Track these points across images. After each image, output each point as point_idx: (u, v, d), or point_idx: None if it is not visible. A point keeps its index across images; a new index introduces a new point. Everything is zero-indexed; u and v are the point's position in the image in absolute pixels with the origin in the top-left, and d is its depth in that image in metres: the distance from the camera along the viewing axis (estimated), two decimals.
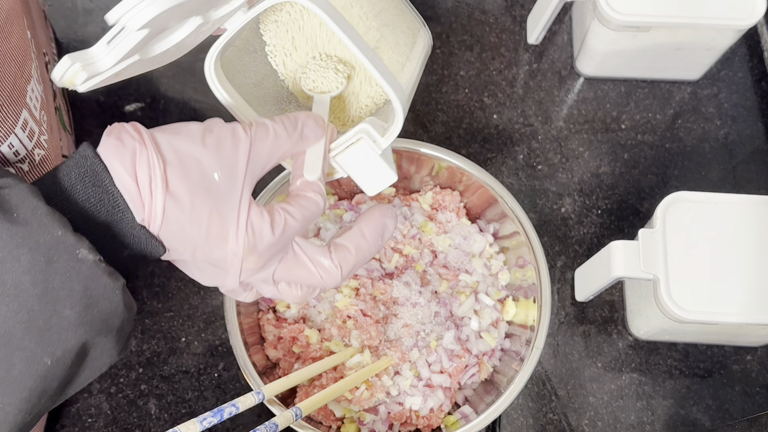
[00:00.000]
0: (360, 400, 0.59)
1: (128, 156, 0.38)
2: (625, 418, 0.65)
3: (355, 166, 0.48)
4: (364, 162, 0.47)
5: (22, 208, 0.35)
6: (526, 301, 0.62)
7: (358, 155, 0.47)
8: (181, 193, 0.38)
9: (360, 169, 0.48)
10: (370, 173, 0.48)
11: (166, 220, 0.38)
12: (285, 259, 0.43)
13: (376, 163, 0.47)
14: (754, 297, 0.55)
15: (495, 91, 0.75)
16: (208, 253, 0.40)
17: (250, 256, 0.41)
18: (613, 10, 0.63)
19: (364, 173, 0.48)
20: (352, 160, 0.47)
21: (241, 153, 0.40)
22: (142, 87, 0.74)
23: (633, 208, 0.71)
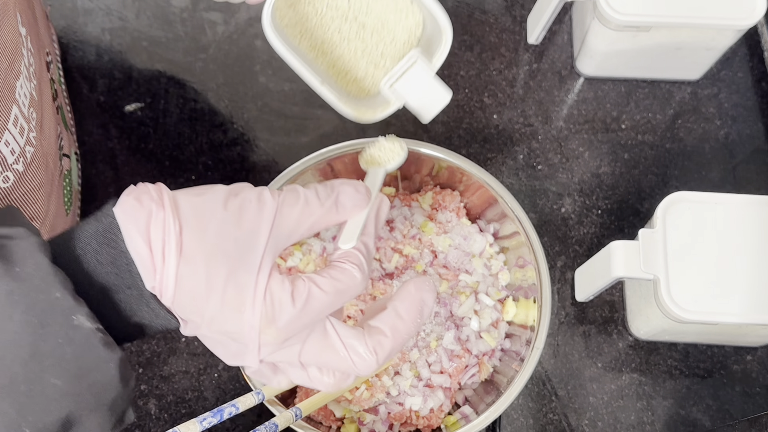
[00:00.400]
0: (360, 400, 0.59)
1: (143, 217, 0.35)
2: (625, 418, 0.65)
3: (410, 92, 0.49)
4: (419, 86, 0.49)
5: (26, 263, 0.33)
6: (526, 301, 0.62)
7: (413, 80, 0.49)
8: (196, 257, 0.35)
9: (415, 95, 0.49)
10: (426, 97, 0.49)
11: (180, 287, 0.35)
12: (313, 339, 0.38)
13: (431, 85, 0.49)
14: (754, 297, 0.55)
15: (495, 91, 0.75)
16: (223, 325, 0.36)
17: (268, 329, 0.36)
18: (613, 10, 0.63)
19: (419, 98, 0.49)
20: (407, 87, 0.49)
21: (265, 218, 0.37)
22: (142, 87, 0.74)
23: (633, 208, 0.71)
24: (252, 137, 0.73)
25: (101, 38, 0.75)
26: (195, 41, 0.76)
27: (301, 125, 0.73)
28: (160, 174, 0.71)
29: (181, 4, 0.77)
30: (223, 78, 0.75)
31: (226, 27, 0.76)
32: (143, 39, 0.76)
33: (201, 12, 0.77)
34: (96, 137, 0.72)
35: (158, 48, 0.75)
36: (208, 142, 0.72)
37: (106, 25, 0.76)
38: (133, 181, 0.72)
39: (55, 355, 0.32)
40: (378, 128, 0.73)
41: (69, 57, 0.74)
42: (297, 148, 0.72)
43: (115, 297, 0.36)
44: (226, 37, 0.76)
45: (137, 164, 0.71)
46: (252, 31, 0.76)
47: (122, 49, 0.75)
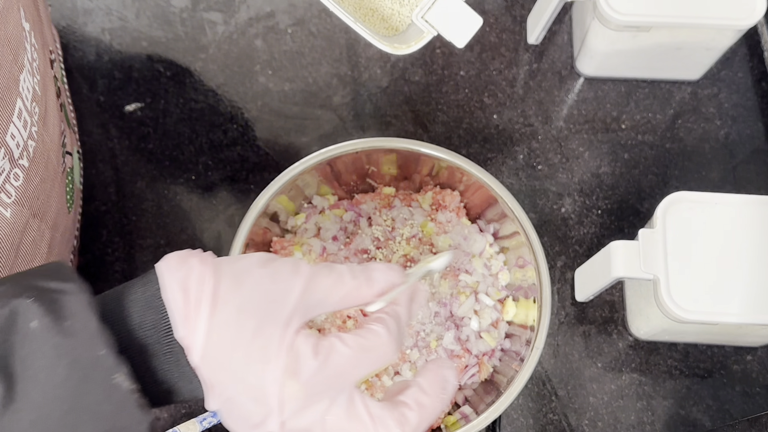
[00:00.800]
0: None
1: (184, 270, 0.36)
2: (626, 418, 0.65)
3: (442, 19, 0.53)
4: (450, 12, 0.52)
5: (76, 319, 0.34)
6: (526, 301, 0.62)
7: (444, 7, 0.52)
8: (228, 307, 0.36)
9: (447, 21, 0.53)
10: (457, 22, 0.53)
11: (210, 336, 0.35)
12: (338, 405, 0.37)
13: (462, 9, 0.52)
14: (754, 297, 0.55)
15: (495, 91, 0.75)
16: (247, 378, 0.36)
17: (290, 383, 0.35)
18: (613, 10, 0.63)
19: (451, 24, 0.53)
20: (438, 15, 0.52)
21: (300, 278, 0.37)
22: (142, 87, 0.74)
23: (633, 208, 0.71)
24: (252, 137, 0.73)
25: (101, 38, 0.75)
26: (195, 41, 0.76)
27: (301, 125, 0.73)
28: (160, 174, 0.71)
29: (181, 4, 0.77)
30: (223, 78, 0.75)
31: (226, 27, 0.76)
32: (143, 39, 0.76)
33: (201, 12, 0.77)
34: (96, 137, 0.72)
35: (158, 48, 0.75)
36: (208, 142, 0.72)
37: (106, 25, 0.76)
38: (133, 181, 0.73)
39: (92, 411, 0.33)
40: (378, 129, 0.74)
41: (69, 57, 0.74)
42: (297, 148, 0.72)
43: (153, 360, 0.36)
44: (226, 37, 0.76)
45: (137, 164, 0.71)
46: (252, 31, 0.76)
47: (122, 49, 0.75)
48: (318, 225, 0.66)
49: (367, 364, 0.38)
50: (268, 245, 0.65)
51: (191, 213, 0.70)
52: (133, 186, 0.70)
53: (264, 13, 0.77)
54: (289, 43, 0.76)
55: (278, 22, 0.77)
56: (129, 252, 0.68)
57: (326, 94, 0.74)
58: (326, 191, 0.67)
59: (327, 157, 0.62)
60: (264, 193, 0.61)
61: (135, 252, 0.68)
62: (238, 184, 0.71)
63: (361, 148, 0.63)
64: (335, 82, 0.75)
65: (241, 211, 0.69)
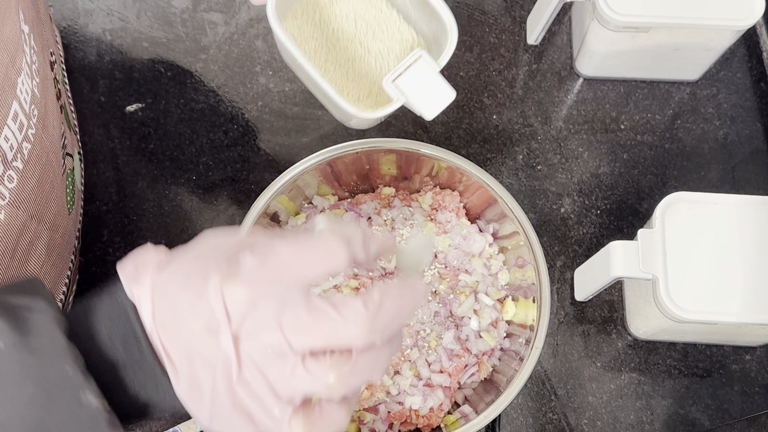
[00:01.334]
0: (360, 399, 0.59)
1: (137, 253, 0.36)
2: (625, 418, 0.65)
3: (413, 88, 0.48)
4: (423, 83, 0.48)
5: (42, 337, 0.33)
6: (525, 300, 0.62)
7: (417, 76, 0.48)
8: (173, 264, 0.35)
9: (419, 91, 0.48)
10: (430, 93, 0.48)
11: (156, 291, 0.35)
12: (292, 303, 0.33)
13: (435, 81, 0.48)
14: (753, 297, 0.55)
15: (495, 92, 0.75)
16: (195, 310, 0.34)
17: (230, 285, 0.33)
18: (612, 11, 0.63)
19: (423, 95, 0.49)
20: (411, 83, 0.48)
21: (243, 235, 0.37)
22: (142, 87, 0.74)
23: (632, 209, 0.71)
24: (252, 137, 0.73)
25: (102, 39, 0.76)
26: (195, 42, 0.76)
27: (302, 126, 0.73)
28: (161, 174, 0.71)
29: (182, 5, 0.77)
30: (224, 78, 0.75)
31: (227, 28, 0.77)
32: (144, 40, 0.76)
33: (201, 13, 0.77)
34: (97, 137, 0.72)
35: (159, 48, 0.76)
36: (209, 143, 0.72)
37: (107, 26, 0.76)
38: (134, 181, 0.73)
39: (60, 430, 0.33)
40: (378, 130, 0.74)
41: (70, 57, 0.75)
42: (297, 149, 0.72)
43: (124, 375, 0.35)
44: (227, 37, 0.76)
45: (138, 164, 0.71)
46: (252, 31, 0.77)
47: (123, 49, 0.75)
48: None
49: (310, 260, 0.34)
50: None
51: (192, 213, 0.70)
52: (134, 186, 0.71)
53: (264, 13, 0.77)
54: None
55: None
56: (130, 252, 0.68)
57: None
58: (326, 191, 0.67)
59: (327, 157, 0.62)
60: (264, 194, 0.62)
61: None
62: (238, 184, 0.71)
63: (361, 149, 0.63)
64: None
65: (242, 211, 0.70)
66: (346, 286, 0.62)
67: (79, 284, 0.67)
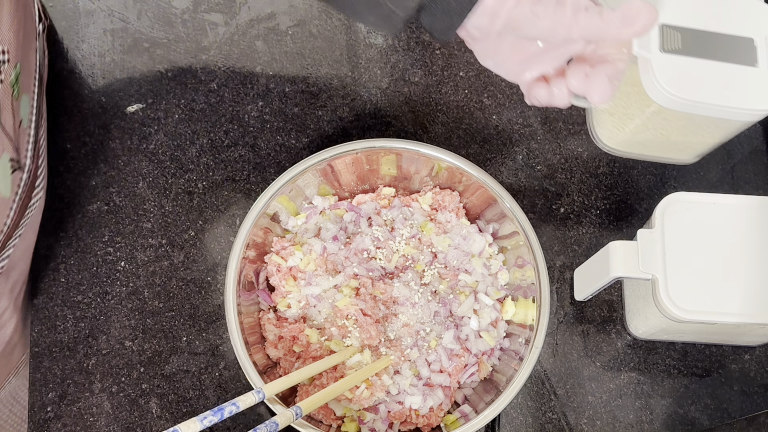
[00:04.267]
0: (360, 399, 0.59)
1: None
2: (624, 417, 0.65)
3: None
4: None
5: None
6: (525, 300, 0.62)
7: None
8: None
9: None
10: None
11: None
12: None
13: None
14: (752, 297, 0.55)
15: (494, 92, 0.75)
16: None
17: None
18: None
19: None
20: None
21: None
22: (143, 87, 0.74)
23: (632, 209, 0.71)
24: (253, 138, 0.73)
25: (103, 39, 0.76)
26: (196, 42, 0.76)
27: (302, 126, 0.73)
28: (162, 174, 0.71)
29: (182, 6, 0.77)
30: (224, 79, 0.75)
31: (227, 28, 0.77)
32: (144, 40, 0.76)
33: (202, 13, 0.77)
34: (98, 137, 0.72)
35: (159, 49, 0.76)
36: (209, 143, 0.73)
37: (108, 27, 0.76)
38: (134, 182, 0.73)
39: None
40: (378, 129, 0.74)
41: (70, 58, 0.75)
42: (298, 149, 0.73)
43: None
44: (227, 38, 0.76)
45: (139, 164, 0.72)
46: (253, 32, 0.77)
47: (124, 50, 0.76)
48: (318, 225, 0.66)
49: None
50: (269, 245, 0.65)
51: (192, 213, 0.70)
52: (135, 186, 0.71)
53: (265, 14, 0.78)
54: (289, 44, 0.76)
55: (279, 23, 0.77)
56: (131, 252, 0.69)
57: (327, 94, 0.75)
58: (326, 191, 0.67)
59: (327, 157, 0.63)
60: (265, 194, 0.62)
61: (137, 252, 0.69)
62: (238, 184, 0.71)
63: (361, 149, 0.63)
64: (335, 83, 0.75)
65: (242, 211, 0.70)
66: (346, 286, 0.62)
67: (81, 283, 0.68)
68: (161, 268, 0.68)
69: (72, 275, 0.68)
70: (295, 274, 0.64)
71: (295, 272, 0.64)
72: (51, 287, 0.68)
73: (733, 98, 0.53)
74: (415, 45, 0.77)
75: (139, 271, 0.68)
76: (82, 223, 0.69)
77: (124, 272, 0.68)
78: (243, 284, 0.61)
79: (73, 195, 0.70)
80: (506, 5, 0.44)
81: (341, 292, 0.62)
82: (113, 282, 0.68)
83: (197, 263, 0.69)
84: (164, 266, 0.68)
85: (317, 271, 0.63)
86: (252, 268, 0.63)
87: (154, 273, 0.68)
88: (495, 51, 0.49)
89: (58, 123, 0.73)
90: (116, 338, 0.66)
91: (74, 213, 0.70)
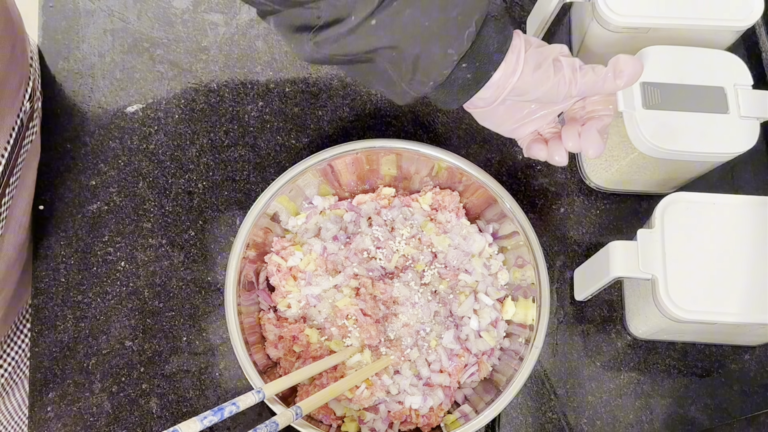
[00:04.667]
0: (360, 398, 0.59)
1: (517, 40, 0.50)
2: (624, 417, 0.65)
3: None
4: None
5: None
6: (525, 300, 0.62)
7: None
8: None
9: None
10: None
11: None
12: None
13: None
14: (751, 297, 0.55)
15: None
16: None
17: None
18: (611, 12, 0.63)
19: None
20: None
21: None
22: (143, 88, 0.74)
23: (632, 209, 0.71)
24: (253, 138, 0.73)
25: (103, 39, 0.76)
26: (196, 42, 0.76)
27: (302, 126, 0.73)
28: (162, 174, 0.71)
29: (182, 6, 0.77)
30: (224, 79, 0.75)
31: (227, 28, 0.77)
32: (145, 40, 0.76)
33: (202, 13, 0.77)
34: (98, 138, 0.72)
35: (159, 49, 0.76)
36: (209, 143, 0.73)
37: (108, 26, 0.76)
38: (135, 182, 0.73)
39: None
40: (378, 129, 0.74)
41: (71, 58, 0.75)
42: (298, 149, 0.73)
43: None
44: (227, 38, 0.76)
45: (139, 164, 0.72)
46: (253, 32, 0.77)
47: (124, 50, 0.76)
48: (318, 225, 0.66)
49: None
50: (269, 245, 0.65)
51: (192, 213, 0.70)
52: (135, 186, 0.71)
53: None
54: None
55: None
56: (131, 252, 0.69)
57: (327, 95, 0.75)
58: (326, 191, 0.67)
59: (327, 157, 0.63)
60: (265, 194, 0.62)
61: (137, 252, 0.69)
62: (238, 184, 0.71)
63: (361, 149, 0.63)
64: (335, 83, 0.75)
65: (242, 211, 0.70)
66: (346, 286, 0.62)
67: (81, 283, 0.68)
68: (161, 268, 0.68)
69: (72, 275, 0.68)
70: (295, 274, 0.64)
71: (295, 272, 0.64)
72: (51, 287, 0.68)
73: (708, 144, 0.59)
74: None
75: (139, 271, 0.68)
76: (82, 223, 0.70)
77: (124, 272, 0.68)
78: (243, 284, 0.61)
79: (73, 195, 0.70)
80: (511, 78, 0.49)
81: (341, 292, 0.62)
82: (113, 282, 0.68)
83: (197, 263, 0.69)
84: (164, 266, 0.68)
85: (317, 271, 0.63)
86: (252, 268, 0.63)
87: (154, 273, 0.68)
88: (492, 114, 0.54)
89: (58, 123, 0.73)
90: (116, 338, 0.66)
91: (74, 213, 0.70)
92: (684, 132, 0.59)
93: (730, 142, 0.59)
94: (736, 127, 0.59)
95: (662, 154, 0.59)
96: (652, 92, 0.60)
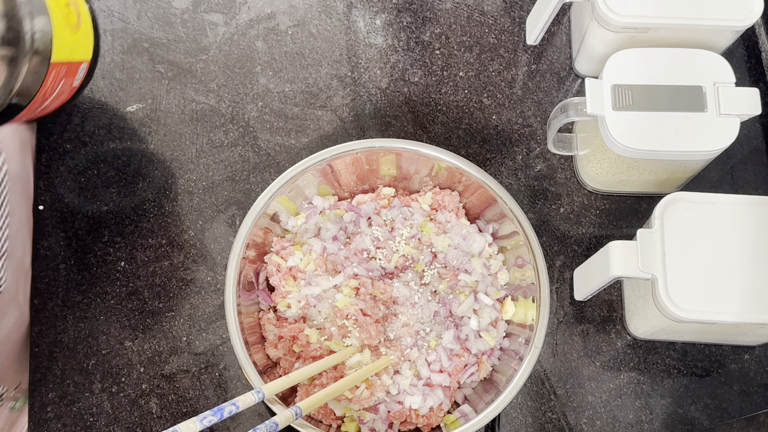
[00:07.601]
0: (360, 399, 0.59)
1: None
2: (624, 417, 0.65)
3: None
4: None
5: None
6: (525, 300, 0.62)
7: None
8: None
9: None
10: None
11: None
12: None
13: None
14: (751, 297, 0.55)
15: (494, 92, 0.75)
16: None
17: None
18: (611, 11, 0.63)
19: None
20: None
21: None
22: (143, 88, 0.74)
23: (631, 208, 0.71)
24: (253, 138, 0.73)
25: (103, 39, 0.76)
26: (196, 42, 0.76)
27: (302, 126, 0.73)
28: (162, 174, 0.71)
29: (182, 6, 0.78)
30: (224, 79, 0.75)
31: (227, 28, 0.77)
32: (144, 40, 0.76)
33: (202, 13, 0.77)
34: (98, 138, 0.72)
35: (159, 49, 0.76)
36: (209, 143, 0.73)
37: (108, 27, 0.76)
38: (134, 182, 0.73)
39: None
40: (378, 129, 0.74)
41: None
42: (297, 149, 0.73)
43: None
44: (227, 38, 0.76)
45: (139, 165, 0.72)
46: (253, 32, 0.77)
47: (123, 50, 0.76)
48: (318, 225, 0.66)
49: None
50: (269, 245, 0.65)
51: (192, 213, 0.70)
52: (135, 186, 0.71)
53: (264, 14, 0.78)
54: (289, 44, 0.76)
55: (279, 23, 0.77)
56: (131, 251, 0.69)
57: (326, 95, 0.75)
58: (326, 191, 0.67)
59: (327, 157, 0.63)
60: (265, 194, 0.62)
61: (137, 252, 0.69)
62: (238, 184, 0.71)
63: (360, 149, 0.63)
64: (335, 83, 0.75)
65: (242, 211, 0.70)
66: (346, 286, 0.62)
67: (81, 283, 0.68)
68: (161, 268, 0.68)
69: (72, 275, 0.68)
70: (295, 274, 0.64)
71: (295, 272, 0.64)
72: (51, 287, 0.68)
73: (683, 143, 0.60)
74: (414, 45, 0.77)
75: (139, 271, 0.68)
76: (82, 223, 0.70)
77: (124, 272, 0.68)
78: (243, 284, 0.61)
79: (73, 195, 0.70)
80: None
81: (341, 292, 0.62)
82: (113, 282, 0.68)
83: (197, 263, 0.69)
84: (164, 266, 0.68)
85: (317, 271, 0.63)
86: (252, 268, 0.63)
87: (154, 273, 0.68)
88: None
89: (58, 123, 0.73)
90: (116, 338, 0.66)
91: (74, 213, 0.70)
92: (656, 132, 0.59)
93: (707, 140, 0.60)
94: (713, 125, 0.60)
95: (634, 154, 0.60)
96: (623, 94, 0.60)
